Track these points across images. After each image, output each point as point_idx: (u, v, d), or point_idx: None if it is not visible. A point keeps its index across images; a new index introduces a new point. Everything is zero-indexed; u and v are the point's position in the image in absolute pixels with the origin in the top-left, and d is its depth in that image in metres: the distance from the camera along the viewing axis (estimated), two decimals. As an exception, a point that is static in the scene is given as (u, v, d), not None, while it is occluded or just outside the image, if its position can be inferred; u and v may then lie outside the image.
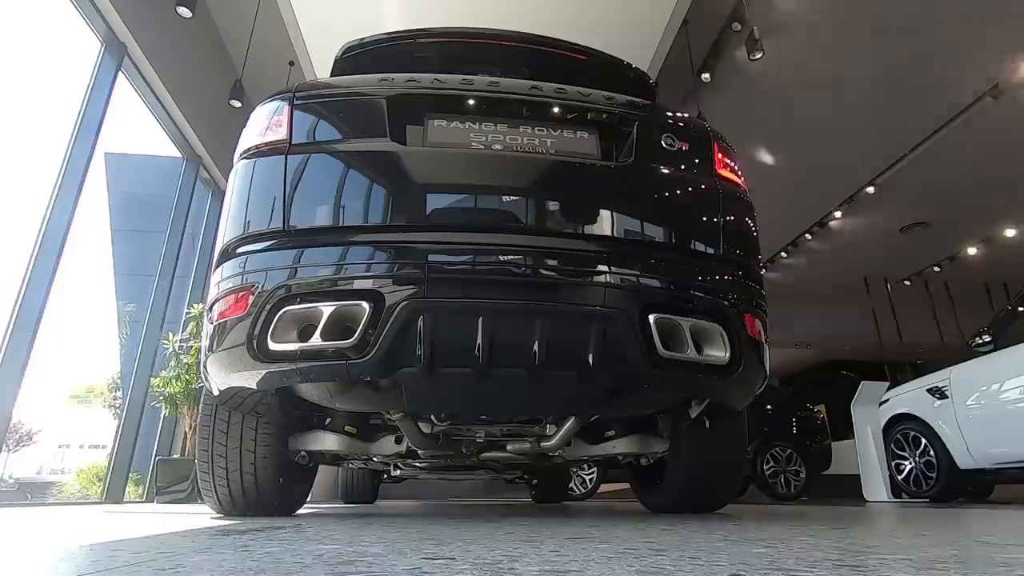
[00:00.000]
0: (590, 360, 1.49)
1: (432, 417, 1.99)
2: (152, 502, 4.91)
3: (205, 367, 1.63)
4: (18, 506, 4.35)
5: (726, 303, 1.66)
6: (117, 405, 6.68)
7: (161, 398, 4.95)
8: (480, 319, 1.44)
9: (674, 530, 1.26)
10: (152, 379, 5.14)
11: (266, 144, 1.67)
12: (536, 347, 1.46)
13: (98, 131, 4.32)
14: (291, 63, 5.75)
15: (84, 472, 6.16)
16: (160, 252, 5.72)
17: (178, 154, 6.04)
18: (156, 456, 5.30)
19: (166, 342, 5.12)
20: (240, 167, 1.68)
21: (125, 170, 8.80)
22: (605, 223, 1.65)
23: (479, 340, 1.44)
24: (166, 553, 0.88)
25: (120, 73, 4.67)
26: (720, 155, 1.88)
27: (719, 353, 1.61)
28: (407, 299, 1.42)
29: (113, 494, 4.91)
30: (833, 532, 1.23)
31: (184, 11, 4.36)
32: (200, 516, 2.18)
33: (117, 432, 5.12)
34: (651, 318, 1.52)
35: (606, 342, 1.49)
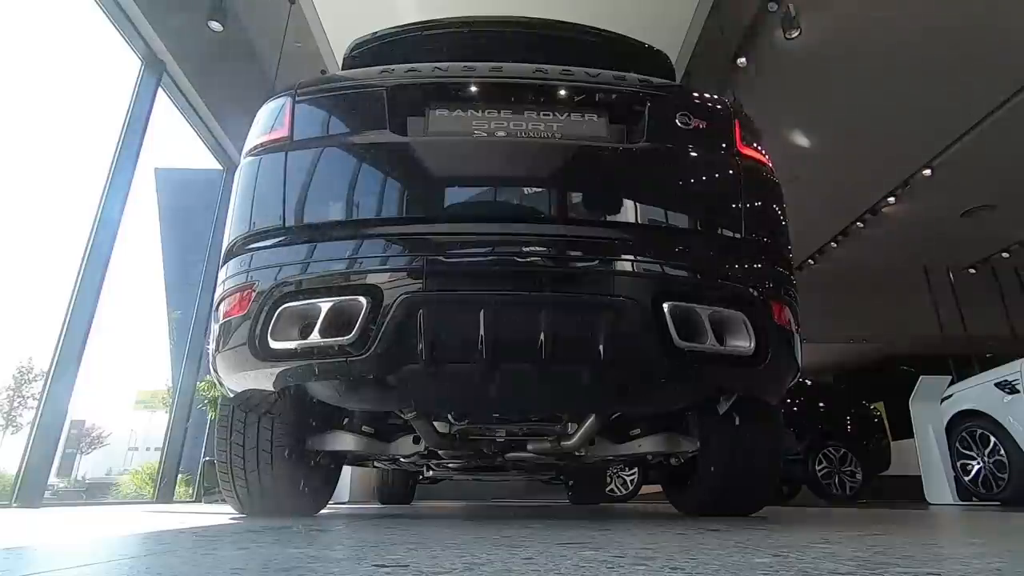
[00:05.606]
0: (600, 353, 1.41)
1: (449, 416, 1.95)
2: (200, 502, 5.07)
3: (214, 366, 1.63)
4: (77, 505, 4.57)
5: (749, 289, 1.54)
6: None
7: (206, 401, 5.11)
8: (482, 312, 1.38)
9: (687, 535, 1.16)
10: (198, 383, 5.32)
11: (268, 141, 1.66)
12: (542, 340, 1.39)
13: (140, 145, 4.49)
14: (323, 71, 5.86)
15: (138, 473, 6.45)
16: (203, 260, 5.92)
17: (219, 166, 6.25)
18: (204, 458, 5.49)
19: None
20: (244, 165, 1.68)
21: (173, 184, 9.22)
22: (615, 208, 1.57)
23: (481, 334, 1.38)
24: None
25: (160, 89, 4.85)
26: (742, 133, 1.75)
27: (743, 343, 1.49)
28: (405, 293, 1.37)
29: (164, 494, 5.10)
30: (867, 539, 1.10)
31: (215, 25, 4.49)
32: (219, 516, 2.20)
33: (166, 435, 5.33)
34: (665, 307, 1.42)
35: (617, 333, 1.41)
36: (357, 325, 1.37)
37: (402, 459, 2.34)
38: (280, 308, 1.43)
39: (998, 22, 5.19)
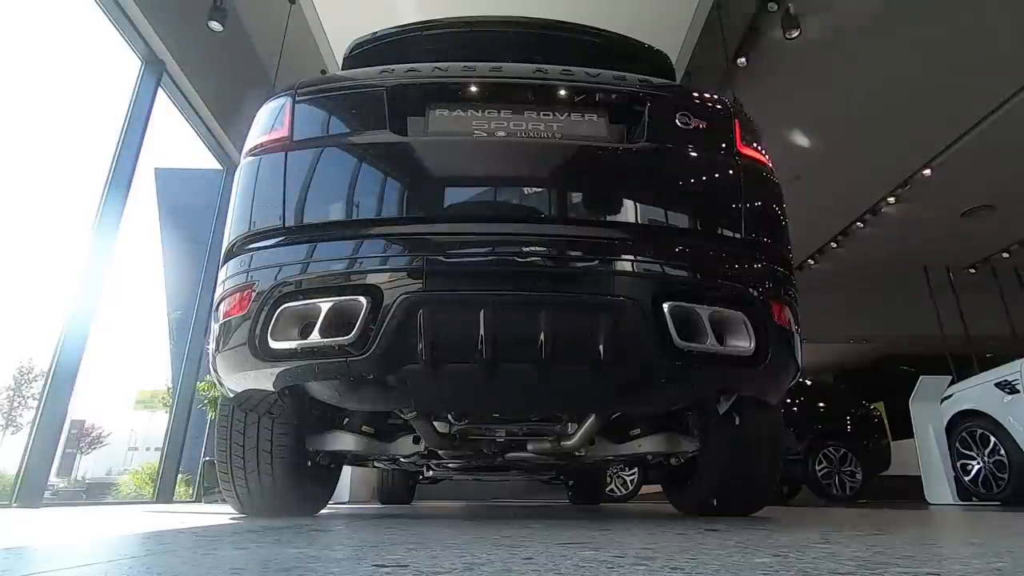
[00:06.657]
0: (600, 353, 1.41)
1: (448, 416, 1.96)
2: (200, 502, 5.07)
3: (214, 366, 1.63)
4: (77, 505, 4.57)
5: (749, 289, 1.54)
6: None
7: (206, 401, 5.11)
8: (482, 312, 1.38)
9: (687, 535, 1.16)
10: (198, 383, 5.33)
11: (269, 142, 1.66)
12: (542, 341, 1.39)
13: (140, 145, 4.49)
14: (323, 71, 5.86)
15: (138, 473, 6.45)
16: (203, 260, 5.92)
17: (219, 166, 6.25)
18: (204, 458, 5.49)
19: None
20: (244, 165, 1.68)
21: (174, 184, 9.21)
22: (615, 208, 1.57)
23: (481, 334, 1.38)
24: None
25: (160, 89, 4.85)
26: (742, 132, 1.75)
27: (743, 343, 1.49)
28: (406, 293, 1.37)
29: (164, 494, 5.10)
30: (867, 539, 1.10)
31: (215, 25, 4.49)
32: (219, 516, 2.20)
33: (166, 435, 5.33)
34: (665, 307, 1.42)
35: (617, 333, 1.40)
36: (357, 325, 1.37)
37: (402, 459, 2.34)
38: (280, 308, 1.43)
39: (998, 23, 5.19)
